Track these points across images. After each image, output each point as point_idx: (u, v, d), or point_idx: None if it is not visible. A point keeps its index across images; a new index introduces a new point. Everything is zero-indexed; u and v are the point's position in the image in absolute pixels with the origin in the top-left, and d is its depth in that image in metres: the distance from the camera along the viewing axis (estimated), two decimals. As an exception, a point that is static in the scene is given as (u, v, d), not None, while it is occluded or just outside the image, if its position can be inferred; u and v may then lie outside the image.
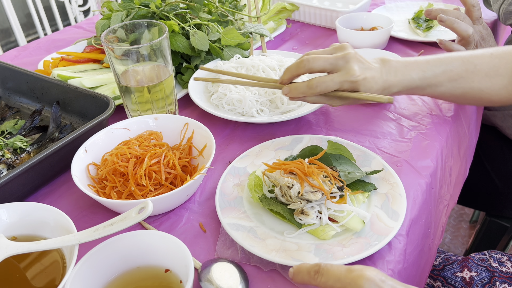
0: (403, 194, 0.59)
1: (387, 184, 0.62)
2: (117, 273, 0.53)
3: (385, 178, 0.63)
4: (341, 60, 0.66)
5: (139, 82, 0.75)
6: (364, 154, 0.68)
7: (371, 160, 0.66)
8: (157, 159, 0.64)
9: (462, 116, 0.84)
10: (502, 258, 0.80)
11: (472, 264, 0.80)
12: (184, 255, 0.49)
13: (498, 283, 0.75)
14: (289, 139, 0.73)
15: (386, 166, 0.64)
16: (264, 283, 0.52)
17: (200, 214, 0.63)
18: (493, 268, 0.78)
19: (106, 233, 0.51)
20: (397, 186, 0.61)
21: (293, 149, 0.71)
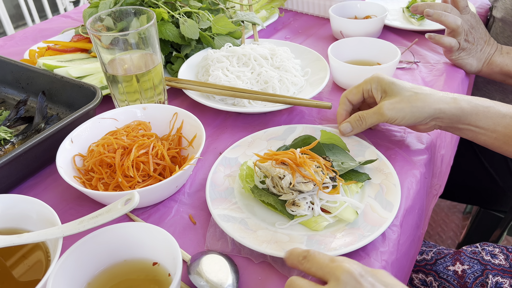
0: (398, 184, 0.58)
1: (381, 174, 0.60)
2: (103, 266, 0.51)
3: (379, 168, 0.62)
4: None
5: (127, 71, 0.73)
6: (358, 144, 0.67)
7: (365, 150, 0.65)
8: (145, 149, 0.62)
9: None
10: (494, 251, 0.79)
11: (464, 257, 0.79)
12: (172, 247, 0.47)
13: (491, 276, 0.75)
14: (282, 129, 0.71)
15: (380, 156, 0.63)
16: (255, 275, 0.51)
17: (190, 206, 0.62)
18: (486, 261, 0.78)
19: (91, 225, 0.49)
20: (392, 176, 0.59)
21: (286, 139, 0.70)
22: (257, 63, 0.82)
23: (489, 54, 0.89)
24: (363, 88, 0.68)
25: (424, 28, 1.05)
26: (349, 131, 0.68)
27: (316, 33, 1.11)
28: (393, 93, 0.64)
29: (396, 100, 0.64)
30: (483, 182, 1.13)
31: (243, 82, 0.79)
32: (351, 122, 0.67)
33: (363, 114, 0.66)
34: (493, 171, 1.10)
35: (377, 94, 0.67)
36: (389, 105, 0.64)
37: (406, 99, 0.63)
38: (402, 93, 0.64)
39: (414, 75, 0.90)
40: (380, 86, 0.66)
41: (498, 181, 1.10)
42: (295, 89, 0.81)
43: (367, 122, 0.66)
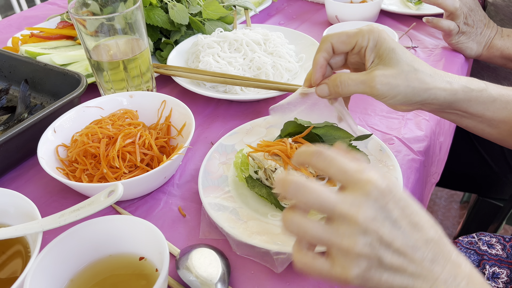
0: (400, 178, 0.55)
1: (383, 166, 0.58)
2: (87, 262, 0.48)
3: (382, 160, 0.59)
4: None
5: (112, 57, 0.70)
6: (360, 133, 0.63)
7: (368, 141, 0.62)
8: (132, 139, 0.59)
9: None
10: (491, 241, 0.77)
11: (461, 248, 0.77)
12: (159, 241, 0.45)
13: (488, 266, 0.73)
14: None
15: (384, 147, 0.60)
16: (247, 269, 0.49)
17: (180, 197, 0.59)
18: (482, 251, 0.75)
19: (72, 219, 0.47)
20: (394, 169, 0.56)
21: None
22: (249, 48, 0.79)
23: (489, 37, 0.86)
24: (357, 41, 0.52)
25: (421, 12, 1.02)
26: (325, 94, 0.54)
27: (310, 19, 1.07)
28: (390, 62, 0.52)
29: (393, 73, 0.51)
30: (478, 168, 1.11)
31: (235, 69, 0.76)
32: (329, 85, 0.53)
33: (346, 80, 0.52)
34: (487, 157, 1.08)
35: (370, 55, 0.53)
36: (383, 78, 0.51)
37: (404, 75, 0.51)
38: (400, 65, 0.52)
39: (412, 60, 0.86)
40: (378, 48, 0.52)
41: (493, 166, 1.08)
42: (289, 76, 0.78)
43: (349, 90, 0.52)
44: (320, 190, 0.35)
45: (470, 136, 1.11)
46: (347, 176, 0.35)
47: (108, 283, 0.48)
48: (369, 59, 0.53)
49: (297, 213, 0.36)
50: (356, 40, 0.52)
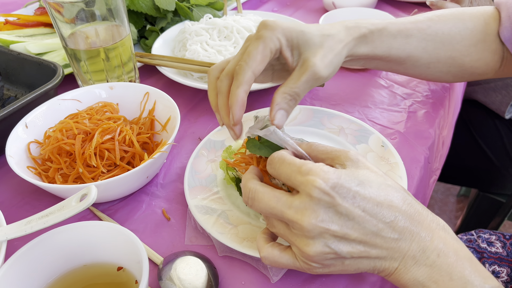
0: (404, 177, 0.50)
1: (386, 164, 0.53)
2: (58, 273, 0.43)
3: (384, 157, 0.54)
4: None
5: (91, 45, 0.64)
6: (361, 129, 0.59)
7: (368, 136, 0.57)
8: (111, 135, 0.53)
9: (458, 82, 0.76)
10: (490, 238, 0.74)
11: None
12: (137, 250, 0.40)
13: (488, 265, 0.71)
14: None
15: (386, 144, 0.55)
16: (237, 280, 0.44)
17: (164, 199, 0.54)
18: (482, 249, 0.73)
19: (40, 226, 0.42)
20: (398, 167, 0.52)
21: None
22: (240, 36, 0.73)
23: None
24: (270, 48, 0.44)
25: (422, -2, 0.97)
26: (285, 120, 0.46)
27: (306, 5, 1.02)
28: (310, 44, 0.45)
29: (322, 53, 0.45)
30: (478, 162, 1.08)
31: (225, 58, 0.71)
32: (284, 107, 0.45)
33: (293, 89, 0.44)
34: (488, 150, 1.05)
35: (289, 53, 0.45)
36: (321, 62, 0.45)
37: (327, 47, 0.46)
38: (318, 42, 0.46)
39: (413, 49, 0.82)
40: (291, 40, 0.45)
41: (494, 160, 1.05)
42: (283, 65, 0.73)
43: (300, 96, 0.46)
44: (267, 198, 0.37)
45: (470, 129, 1.07)
46: (292, 180, 0.36)
47: (84, 294, 0.43)
48: (289, 56, 0.46)
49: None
50: (270, 49, 0.44)
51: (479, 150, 1.06)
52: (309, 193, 0.34)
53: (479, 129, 1.05)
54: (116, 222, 0.51)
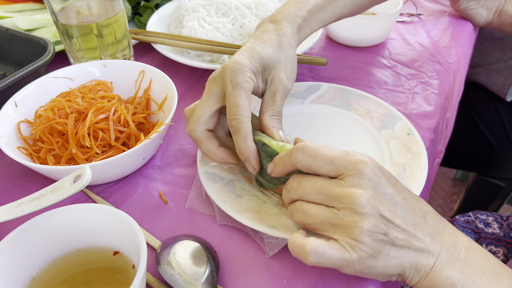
0: (425, 168, 0.48)
1: (408, 153, 0.51)
2: (51, 258, 0.42)
3: (408, 145, 0.51)
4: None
5: (83, 20, 0.61)
6: (389, 114, 0.56)
7: (396, 122, 0.55)
8: (105, 114, 0.51)
9: (463, 62, 0.74)
10: (487, 219, 0.76)
11: (457, 227, 0.76)
12: (134, 233, 0.38)
13: (485, 245, 0.72)
14: (303, 85, 0.62)
15: (413, 132, 0.53)
16: (239, 265, 0.42)
17: (161, 181, 0.52)
18: (479, 229, 0.74)
19: (31, 209, 0.40)
20: (420, 157, 0.50)
21: (306, 98, 0.60)
22: (239, 13, 0.70)
23: (500, 2, 0.79)
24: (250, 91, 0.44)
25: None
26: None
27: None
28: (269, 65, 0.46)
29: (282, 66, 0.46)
30: (478, 145, 1.07)
31: (223, 35, 0.68)
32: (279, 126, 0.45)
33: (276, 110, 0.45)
34: (488, 133, 1.04)
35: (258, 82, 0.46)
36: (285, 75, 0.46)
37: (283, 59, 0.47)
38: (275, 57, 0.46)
39: (417, 29, 0.79)
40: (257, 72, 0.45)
41: (494, 143, 1.04)
42: (283, 44, 0.70)
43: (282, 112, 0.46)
44: (314, 178, 0.36)
45: (471, 112, 1.05)
46: (337, 161, 0.35)
47: (79, 279, 0.41)
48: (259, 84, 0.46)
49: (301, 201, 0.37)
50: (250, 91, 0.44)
51: (479, 133, 1.05)
52: (360, 170, 0.34)
53: (479, 112, 1.04)
54: (111, 205, 0.49)
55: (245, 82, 0.43)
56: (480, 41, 1.04)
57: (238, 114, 0.42)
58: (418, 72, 0.67)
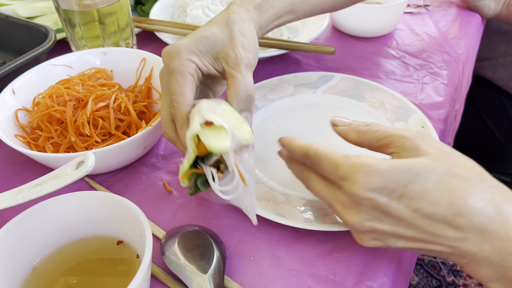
0: None
1: None
2: (53, 247, 0.40)
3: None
4: None
5: (85, 6, 0.59)
6: (403, 107, 0.55)
7: (409, 115, 0.53)
8: (105, 102, 0.49)
9: (471, 53, 0.73)
10: None
11: None
12: (139, 222, 0.37)
13: None
14: (316, 75, 0.61)
15: (427, 125, 0.52)
16: (246, 255, 0.41)
17: (165, 170, 0.51)
18: None
19: (33, 195, 0.39)
20: None
21: (318, 88, 0.59)
22: (244, 1, 0.69)
23: None
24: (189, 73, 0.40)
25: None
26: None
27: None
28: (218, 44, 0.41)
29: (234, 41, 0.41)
30: (484, 140, 1.06)
31: (228, 24, 0.66)
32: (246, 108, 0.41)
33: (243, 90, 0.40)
34: (494, 128, 1.03)
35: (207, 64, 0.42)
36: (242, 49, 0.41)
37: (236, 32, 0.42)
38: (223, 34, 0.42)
39: (425, 20, 0.78)
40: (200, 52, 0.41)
41: (500, 138, 1.03)
42: (289, 34, 0.69)
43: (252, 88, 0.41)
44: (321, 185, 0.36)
45: (476, 106, 1.04)
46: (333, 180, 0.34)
47: (81, 269, 0.40)
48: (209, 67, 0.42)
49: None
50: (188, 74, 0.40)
51: (485, 128, 1.04)
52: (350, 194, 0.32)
53: (485, 107, 1.03)
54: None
55: (181, 65, 0.39)
56: (487, 35, 1.02)
57: (174, 101, 0.39)
58: (427, 63, 0.66)
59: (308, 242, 0.42)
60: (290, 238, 0.42)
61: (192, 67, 0.40)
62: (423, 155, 0.32)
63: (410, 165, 0.31)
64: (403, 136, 0.34)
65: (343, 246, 0.41)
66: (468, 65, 0.71)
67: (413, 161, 0.32)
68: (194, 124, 0.36)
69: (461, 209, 0.30)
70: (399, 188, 0.31)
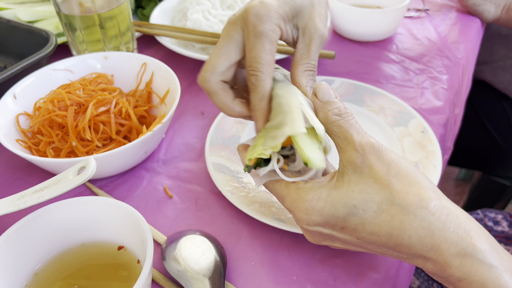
0: (439, 167, 0.47)
1: (422, 151, 0.50)
2: (54, 252, 0.41)
3: (422, 143, 0.51)
4: None
5: (86, 11, 0.60)
6: (403, 111, 0.55)
7: (409, 120, 0.54)
8: (106, 107, 0.50)
9: (471, 57, 0.73)
10: (497, 217, 0.74)
11: None
12: (140, 228, 0.37)
13: None
14: (316, 79, 0.60)
15: (427, 130, 0.52)
16: (246, 261, 0.41)
17: (165, 175, 0.51)
18: (488, 227, 0.73)
19: (34, 201, 0.39)
20: (434, 155, 0.49)
21: None
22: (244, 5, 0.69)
23: None
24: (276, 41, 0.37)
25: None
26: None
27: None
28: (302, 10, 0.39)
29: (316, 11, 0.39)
30: (484, 143, 1.06)
31: (228, 28, 0.67)
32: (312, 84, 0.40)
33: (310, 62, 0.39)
34: (494, 132, 1.03)
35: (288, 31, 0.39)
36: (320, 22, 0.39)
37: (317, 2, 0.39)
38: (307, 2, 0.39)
39: (425, 24, 0.78)
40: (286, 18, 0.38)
41: (500, 141, 1.03)
42: (289, 38, 0.69)
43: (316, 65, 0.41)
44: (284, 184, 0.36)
45: (476, 110, 1.04)
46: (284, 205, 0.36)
47: (82, 275, 0.40)
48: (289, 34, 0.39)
49: None
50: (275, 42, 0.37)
51: (485, 131, 1.04)
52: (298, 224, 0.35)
53: (485, 110, 1.03)
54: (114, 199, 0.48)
55: (270, 31, 0.36)
56: (487, 38, 1.03)
57: (258, 70, 0.36)
58: (427, 67, 0.66)
59: (308, 247, 0.42)
60: (290, 243, 0.42)
61: (278, 35, 0.37)
62: (366, 177, 0.32)
63: (347, 198, 0.32)
64: (356, 150, 0.32)
65: (342, 251, 0.41)
66: (468, 70, 0.71)
67: (351, 194, 0.32)
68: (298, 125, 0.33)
69: (399, 240, 0.31)
70: (339, 222, 0.32)
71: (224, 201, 0.47)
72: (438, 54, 0.69)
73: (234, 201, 0.44)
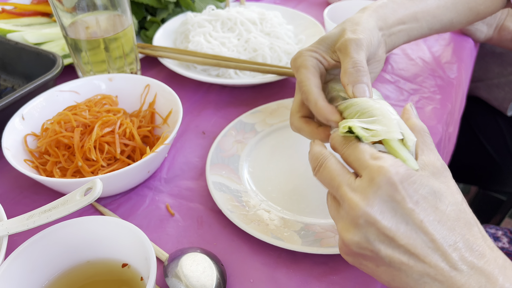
0: None
1: None
2: (61, 269, 0.42)
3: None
4: None
5: (92, 35, 0.62)
6: None
7: None
8: (111, 127, 0.52)
9: (464, 77, 0.75)
10: (497, 233, 0.74)
11: None
12: (144, 246, 0.39)
13: None
14: None
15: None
16: (246, 278, 0.43)
17: (167, 194, 0.53)
18: None
19: (43, 221, 0.40)
20: None
21: None
22: (244, 28, 0.72)
23: (500, 19, 0.80)
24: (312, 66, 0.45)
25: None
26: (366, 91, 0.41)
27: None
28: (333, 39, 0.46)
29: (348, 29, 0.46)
30: (479, 159, 1.08)
31: (229, 50, 0.69)
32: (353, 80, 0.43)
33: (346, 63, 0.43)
34: (489, 148, 1.05)
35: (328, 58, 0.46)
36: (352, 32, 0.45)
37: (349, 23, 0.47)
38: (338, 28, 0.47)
39: (419, 44, 0.81)
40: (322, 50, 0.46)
41: (495, 157, 1.04)
42: (288, 59, 0.71)
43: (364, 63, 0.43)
44: (333, 169, 0.35)
45: (472, 126, 1.06)
46: (360, 162, 0.33)
47: (87, 291, 0.42)
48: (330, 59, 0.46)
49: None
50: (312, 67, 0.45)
51: (481, 147, 1.06)
52: (372, 176, 0.31)
53: (480, 127, 1.05)
54: (119, 217, 0.49)
55: (303, 61, 0.45)
56: (481, 56, 1.05)
57: (302, 86, 0.44)
58: (421, 87, 0.68)
59: (305, 264, 0.43)
60: (288, 260, 0.44)
61: (313, 61, 0.45)
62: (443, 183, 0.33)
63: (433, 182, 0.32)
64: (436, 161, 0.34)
65: (339, 269, 0.43)
66: (461, 89, 0.73)
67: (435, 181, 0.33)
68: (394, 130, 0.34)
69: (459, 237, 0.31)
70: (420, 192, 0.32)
71: (224, 219, 0.48)
72: (431, 74, 0.71)
73: (234, 219, 0.46)
